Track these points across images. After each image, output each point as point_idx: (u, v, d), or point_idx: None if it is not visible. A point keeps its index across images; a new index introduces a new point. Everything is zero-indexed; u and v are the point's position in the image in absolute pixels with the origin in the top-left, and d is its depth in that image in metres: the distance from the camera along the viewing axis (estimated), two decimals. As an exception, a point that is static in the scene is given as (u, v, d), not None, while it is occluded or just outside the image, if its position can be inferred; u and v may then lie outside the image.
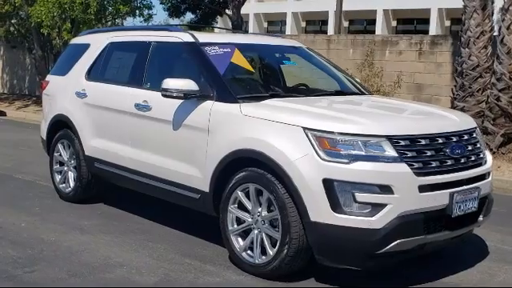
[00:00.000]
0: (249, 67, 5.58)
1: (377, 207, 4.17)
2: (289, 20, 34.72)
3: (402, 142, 4.32)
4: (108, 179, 6.49)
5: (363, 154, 4.22)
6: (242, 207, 4.80)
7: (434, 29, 27.70)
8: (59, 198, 7.08)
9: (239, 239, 4.81)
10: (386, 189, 4.18)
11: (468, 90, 10.79)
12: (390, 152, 4.25)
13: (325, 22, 33.06)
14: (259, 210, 4.65)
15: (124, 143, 5.98)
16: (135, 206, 6.68)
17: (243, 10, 16.88)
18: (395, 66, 13.04)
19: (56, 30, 16.26)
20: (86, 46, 6.94)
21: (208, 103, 5.10)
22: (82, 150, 6.60)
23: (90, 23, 15.35)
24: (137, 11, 16.39)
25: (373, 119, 4.60)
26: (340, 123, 4.39)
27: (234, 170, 4.81)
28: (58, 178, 7.12)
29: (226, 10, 18.11)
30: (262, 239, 4.64)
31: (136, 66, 6.04)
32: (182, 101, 5.26)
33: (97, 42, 6.82)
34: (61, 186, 7.05)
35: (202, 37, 5.72)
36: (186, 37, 5.68)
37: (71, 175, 6.92)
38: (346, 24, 32.07)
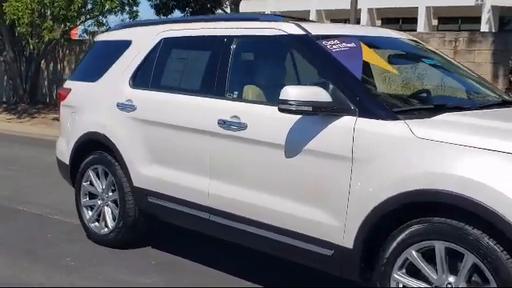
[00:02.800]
0: (389, 68, 4.08)
1: None
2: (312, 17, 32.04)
3: None
4: (166, 218, 4.91)
5: None
6: (415, 274, 3.28)
7: (421, 28, 26.62)
8: (89, 240, 5.46)
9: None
10: None
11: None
12: None
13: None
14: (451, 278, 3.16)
15: (199, 173, 4.41)
16: (192, 249, 5.22)
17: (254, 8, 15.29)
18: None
19: (31, 28, 14.40)
20: (125, 44, 5.30)
21: (347, 120, 3.58)
22: (128, 179, 4.98)
23: (73, 20, 13.55)
24: (126, 7, 14.64)
25: None
26: None
27: (401, 220, 3.29)
28: (87, 214, 5.47)
29: (221, 8, 16.57)
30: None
31: (211, 70, 4.46)
32: (297, 117, 3.72)
33: (142, 37, 5.20)
34: (93, 225, 5.41)
35: (312, 28, 4.17)
36: (290, 28, 4.14)
37: (109, 212, 5.29)
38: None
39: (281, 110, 3.64)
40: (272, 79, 4.42)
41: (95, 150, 5.35)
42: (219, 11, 16.15)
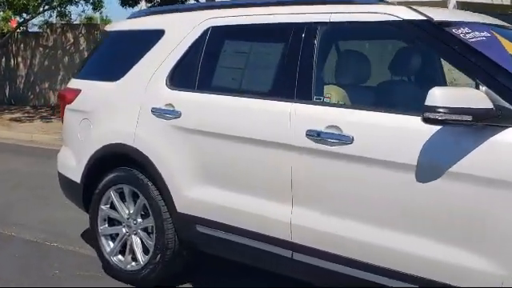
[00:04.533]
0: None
1: None
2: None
3: None
4: (223, 253, 3.93)
5: None
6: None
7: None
8: (109, 277, 4.44)
9: None
10: None
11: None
12: None
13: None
14: None
15: (276, 198, 3.46)
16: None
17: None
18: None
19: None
20: (155, 34, 4.26)
21: (516, 133, 2.67)
22: (168, 202, 3.96)
23: (34, 10, 12.23)
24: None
25: None
26: None
27: None
28: (109, 245, 4.43)
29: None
30: None
31: (289, 66, 3.49)
32: (433, 128, 2.81)
33: (179, 26, 4.17)
34: (115, 258, 4.36)
35: (428, 12, 3.24)
36: (403, 12, 3.20)
37: (138, 242, 4.25)
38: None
39: (427, 120, 2.71)
40: (380, 78, 3.48)
41: (119, 165, 4.28)
42: (191, 1, 15.00)
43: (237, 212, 3.64)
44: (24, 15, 13.81)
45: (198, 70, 3.94)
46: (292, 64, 3.46)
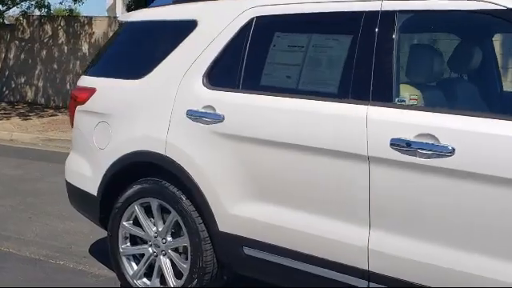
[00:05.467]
0: None
1: None
2: None
3: None
4: (278, 281, 3.37)
5: None
6: None
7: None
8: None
9: None
10: None
11: None
12: None
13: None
14: None
15: (349, 218, 2.95)
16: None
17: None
18: None
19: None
20: (186, 26, 3.70)
21: None
22: (207, 220, 3.43)
23: (13, 1, 11.46)
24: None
25: None
26: None
27: None
28: (131, 267, 3.88)
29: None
30: None
31: (361, 62, 2.99)
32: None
33: (216, 16, 3.62)
34: (140, 281, 3.83)
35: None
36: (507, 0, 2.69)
37: (167, 264, 3.70)
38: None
39: None
40: (479, 77, 2.97)
41: (145, 176, 3.71)
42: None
43: (297, 234, 3.12)
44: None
45: (242, 67, 3.39)
46: (365, 59, 2.95)
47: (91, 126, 4.01)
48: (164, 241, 3.69)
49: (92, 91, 4.04)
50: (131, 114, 3.78)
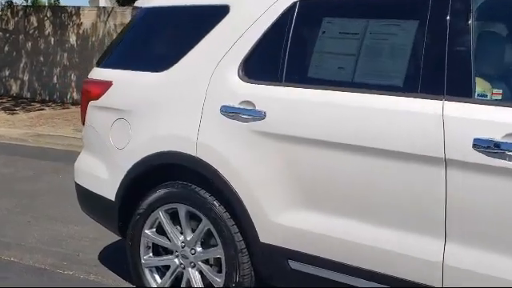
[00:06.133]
0: None
1: None
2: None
3: None
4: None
5: None
6: None
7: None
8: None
9: None
10: None
11: None
12: None
13: None
14: None
15: (421, 230, 2.62)
16: None
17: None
18: None
19: None
20: (217, 11, 3.32)
21: None
22: (245, 229, 3.07)
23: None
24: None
25: None
26: None
27: None
28: (154, 279, 3.53)
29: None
30: None
31: (431, 52, 2.62)
32: None
33: (252, 1, 3.20)
34: (166, 296, 3.40)
35: None
36: None
37: (196, 277, 3.34)
38: None
39: None
40: None
41: (172, 179, 3.32)
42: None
43: (354, 247, 2.76)
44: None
45: (284, 57, 3.02)
46: (436, 48, 2.59)
47: (107, 123, 3.61)
48: (193, 251, 3.31)
49: (108, 85, 3.64)
50: (154, 111, 3.38)
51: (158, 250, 3.51)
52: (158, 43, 3.61)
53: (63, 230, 5.11)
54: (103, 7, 13.51)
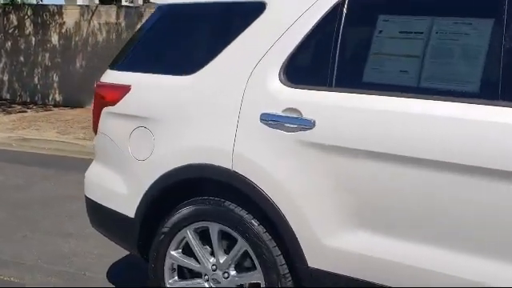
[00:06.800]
0: None
1: None
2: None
3: None
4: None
5: None
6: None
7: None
8: None
9: None
10: None
11: None
12: None
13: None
14: None
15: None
16: None
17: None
18: None
19: None
20: (251, 8, 3.00)
21: None
22: (293, 252, 2.74)
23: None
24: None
25: None
26: None
27: None
28: (181, 305, 3.10)
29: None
30: None
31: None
32: None
33: (292, -5, 2.89)
34: (194, 324, 3.06)
35: None
36: None
37: (231, 304, 2.96)
38: None
39: None
40: None
41: (201, 195, 2.99)
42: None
43: (427, 275, 2.44)
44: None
45: (334, 59, 2.70)
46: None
47: (125, 132, 3.25)
48: (226, 275, 2.98)
49: (125, 89, 3.28)
50: (182, 118, 3.04)
51: (183, 273, 3.16)
52: (183, 44, 3.26)
53: (64, 245, 4.74)
54: (86, 6, 13.03)
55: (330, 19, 2.73)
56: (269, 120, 2.76)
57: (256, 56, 2.88)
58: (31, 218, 5.42)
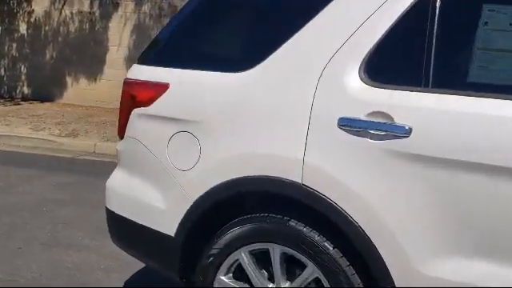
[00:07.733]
0: None
1: None
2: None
3: None
4: None
5: None
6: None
7: None
8: None
9: None
10: None
11: None
12: None
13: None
14: None
15: None
16: None
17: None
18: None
19: None
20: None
21: None
22: (381, 280, 2.32)
23: None
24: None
25: None
26: None
27: None
28: None
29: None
30: None
31: None
32: None
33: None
34: None
35: None
36: None
37: None
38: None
39: None
40: None
41: (260, 212, 2.56)
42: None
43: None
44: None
45: (430, 55, 2.29)
46: None
47: (163, 137, 2.80)
48: (292, 308, 2.55)
49: (162, 88, 2.82)
50: (235, 122, 2.61)
51: (234, 300, 2.73)
52: (233, 34, 2.81)
53: (65, 258, 4.25)
54: (57, -7, 12.36)
55: (420, 9, 2.35)
56: (349, 125, 2.35)
57: (329, 49, 2.47)
58: (21, 226, 4.89)
